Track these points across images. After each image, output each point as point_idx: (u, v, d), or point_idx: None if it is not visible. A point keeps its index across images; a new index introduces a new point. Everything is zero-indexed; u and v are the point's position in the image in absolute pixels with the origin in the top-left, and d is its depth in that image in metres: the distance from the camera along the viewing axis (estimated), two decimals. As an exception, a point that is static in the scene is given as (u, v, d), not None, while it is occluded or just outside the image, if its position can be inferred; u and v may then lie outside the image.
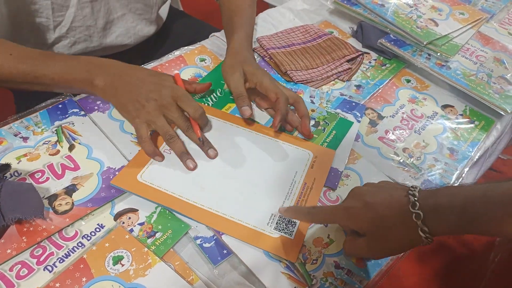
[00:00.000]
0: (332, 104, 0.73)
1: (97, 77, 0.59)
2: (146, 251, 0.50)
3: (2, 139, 0.59)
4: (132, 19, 0.85)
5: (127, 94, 0.59)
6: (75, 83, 0.60)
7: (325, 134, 0.67)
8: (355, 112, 0.72)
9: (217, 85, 0.72)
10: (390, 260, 0.55)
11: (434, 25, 0.87)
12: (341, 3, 0.92)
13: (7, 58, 0.59)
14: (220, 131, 0.65)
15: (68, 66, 0.60)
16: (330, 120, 0.69)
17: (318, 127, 0.68)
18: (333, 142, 0.66)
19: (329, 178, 0.61)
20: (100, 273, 0.48)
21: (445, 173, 0.66)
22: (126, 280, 0.48)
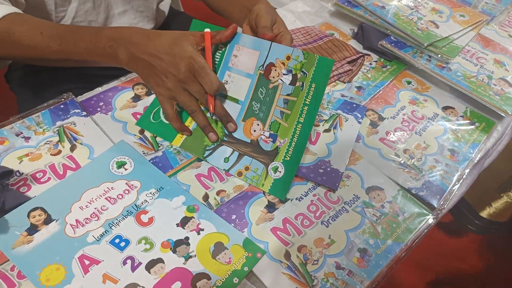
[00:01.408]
0: (333, 105, 0.73)
1: (120, 51, 0.58)
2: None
3: (4, 139, 0.60)
4: (134, 15, 0.86)
5: (147, 70, 0.59)
6: (102, 59, 0.61)
7: (304, 92, 0.60)
8: (356, 113, 0.72)
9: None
10: (391, 261, 0.55)
11: (435, 27, 0.87)
12: (342, 5, 0.92)
13: (39, 37, 0.60)
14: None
15: (92, 44, 0.60)
16: (308, 66, 0.60)
17: (296, 83, 0.61)
18: (313, 102, 0.60)
19: (330, 179, 0.62)
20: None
21: (445, 174, 0.66)
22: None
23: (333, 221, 0.58)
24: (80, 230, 0.51)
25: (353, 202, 0.60)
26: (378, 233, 0.57)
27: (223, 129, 0.62)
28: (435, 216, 0.60)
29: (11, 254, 0.47)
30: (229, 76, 0.63)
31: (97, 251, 0.49)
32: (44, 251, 0.48)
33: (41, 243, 0.49)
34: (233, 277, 0.50)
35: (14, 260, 0.47)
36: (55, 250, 0.48)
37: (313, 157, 0.64)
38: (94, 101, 0.68)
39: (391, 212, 0.60)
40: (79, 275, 0.47)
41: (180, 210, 0.55)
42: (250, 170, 0.60)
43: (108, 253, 0.49)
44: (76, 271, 0.47)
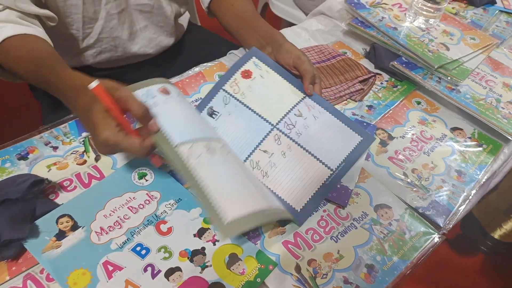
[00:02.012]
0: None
1: (71, 107, 0.59)
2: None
3: (34, 148, 0.63)
4: (154, 30, 0.90)
5: (88, 131, 0.59)
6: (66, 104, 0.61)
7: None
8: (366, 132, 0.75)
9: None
10: (396, 278, 0.57)
11: (445, 49, 0.90)
12: (355, 25, 0.96)
13: (29, 65, 0.64)
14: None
15: (63, 90, 0.60)
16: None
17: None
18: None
19: (340, 196, 0.64)
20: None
21: (452, 195, 0.68)
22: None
23: (342, 236, 0.60)
24: (104, 237, 0.54)
25: (362, 219, 0.63)
26: (385, 250, 0.60)
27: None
28: (441, 235, 0.63)
29: (41, 258, 0.50)
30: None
31: (120, 258, 0.52)
32: (71, 256, 0.51)
33: (68, 248, 0.52)
34: (246, 287, 0.52)
35: (44, 264, 0.50)
36: (81, 255, 0.52)
37: None
38: (117, 113, 0.72)
39: (398, 230, 0.62)
40: (104, 280, 0.50)
41: (197, 221, 0.58)
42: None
43: (130, 260, 0.52)
44: (100, 276, 0.50)
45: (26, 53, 0.65)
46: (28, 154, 0.63)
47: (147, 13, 0.85)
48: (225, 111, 0.69)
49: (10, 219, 0.50)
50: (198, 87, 0.80)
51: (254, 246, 0.57)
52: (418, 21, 0.96)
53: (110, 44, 0.85)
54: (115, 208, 0.57)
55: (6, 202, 0.51)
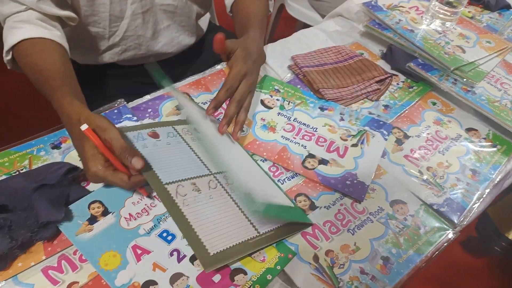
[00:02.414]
0: (360, 122, 0.78)
1: (67, 130, 0.62)
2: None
3: (66, 138, 0.67)
4: (176, 29, 0.93)
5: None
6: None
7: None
8: (382, 130, 0.77)
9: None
10: (411, 270, 0.59)
11: (461, 51, 0.92)
12: (372, 27, 0.98)
13: (34, 73, 0.66)
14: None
15: (57, 109, 0.62)
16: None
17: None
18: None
19: (356, 191, 0.66)
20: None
21: (466, 193, 0.70)
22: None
23: (359, 229, 0.63)
24: (132, 223, 0.57)
25: (378, 214, 0.65)
26: (400, 243, 0.62)
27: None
28: (455, 231, 0.65)
29: (75, 240, 0.54)
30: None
31: (148, 242, 0.55)
32: (102, 239, 0.54)
33: (100, 232, 0.55)
34: (267, 274, 0.55)
35: (78, 245, 0.53)
36: (112, 239, 0.55)
37: (341, 170, 0.70)
38: (143, 107, 0.75)
39: (413, 225, 0.64)
40: (133, 262, 0.53)
41: (220, 210, 0.61)
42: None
43: (157, 245, 0.55)
44: (130, 258, 0.53)
45: (35, 62, 0.66)
46: (61, 143, 0.66)
47: (170, 13, 0.88)
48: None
49: (48, 202, 0.53)
50: (219, 84, 0.82)
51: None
52: (435, 24, 0.98)
53: (134, 42, 0.89)
54: (143, 196, 0.60)
55: (44, 187, 0.54)
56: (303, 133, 0.75)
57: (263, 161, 0.70)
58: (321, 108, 0.81)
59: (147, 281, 0.52)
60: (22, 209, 0.53)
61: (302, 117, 0.78)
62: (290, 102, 0.81)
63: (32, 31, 0.67)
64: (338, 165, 0.70)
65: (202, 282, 0.53)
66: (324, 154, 0.72)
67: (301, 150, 0.72)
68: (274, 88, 0.83)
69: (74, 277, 0.52)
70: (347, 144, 0.74)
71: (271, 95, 0.82)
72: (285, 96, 0.82)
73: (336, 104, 0.82)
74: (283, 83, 0.85)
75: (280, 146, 0.72)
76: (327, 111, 0.80)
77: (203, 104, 0.78)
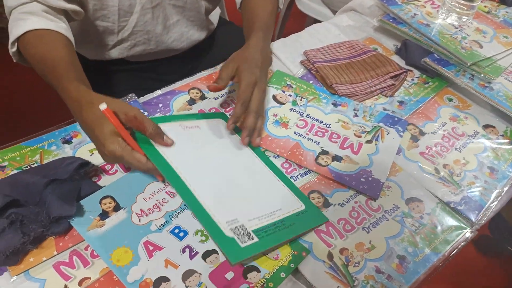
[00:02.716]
0: (375, 118, 0.77)
1: (75, 116, 0.61)
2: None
3: (77, 133, 0.66)
4: (186, 25, 0.92)
5: (91, 139, 0.59)
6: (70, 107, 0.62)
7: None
8: (397, 127, 0.75)
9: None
10: (428, 269, 0.58)
11: (479, 46, 0.89)
12: (387, 21, 0.96)
13: (40, 64, 0.65)
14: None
15: (67, 97, 0.61)
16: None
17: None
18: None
19: (371, 188, 0.65)
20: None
21: (484, 191, 0.68)
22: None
23: (374, 227, 0.61)
24: (144, 219, 0.56)
25: (393, 212, 0.64)
26: (416, 242, 0.60)
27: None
28: (473, 230, 0.63)
29: (87, 236, 0.53)
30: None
31: (160, 238, 0.55)
32: (114, 235, 0.54)
33: (111, 227, 0.55)
34: (280, 272, 0.54)
35: (89, 241, 0.53)
36: (124, 235, 0.54)
37: (355, 166, 0.68)
38: (154, 102, 0.74)
39: (429, 224, 0.63)
40: (144, 259, 0.52)
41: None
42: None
43: (169, 241, 0.55)
44: (141, 255, 0.53)
45: (41, 53, 0.66)
46: (72, 138, 0.65)
47: (180, 7, 0.87)
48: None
49: (59, 197, 0.53)
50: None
51: (287, 233, 0.58)
52: (451, 18, 0.95)
53: (143, 38, 0.88)
54: (154, 192, 0.60)
55: (56, 181, 0.54)
56: (316, 129, 0.74)
57: (276, 157, 0.69)
58: (334, 104, 0.79)
59: (159, 277, 0.51)
60: (34, 204, 0.52)
61: (315, 113, 0.77)
62: (303, 97, 0.80)
63: (37, 23, 0.67)
64: (352, 162, 0.69)
65: (214, 279, 0.52)
66: (338, 150, 0.70)
67: (314, 146, 0.71)
68: (287, 83, 0.82)
69: (86, 272, 0.52)
70: (361, 140, 0.73)
71: (283, 91, 0.81)
72: (298, 91, 0.81)
73: (350, 100, 0.80)
74: (295, 79, 0.84)
75: (293, 142, 0.71)
76: (341, 107, 0.78)
77: (215, 99, 0.77)
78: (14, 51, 0.70)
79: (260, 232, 0.55)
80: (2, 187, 0.53)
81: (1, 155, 0.62)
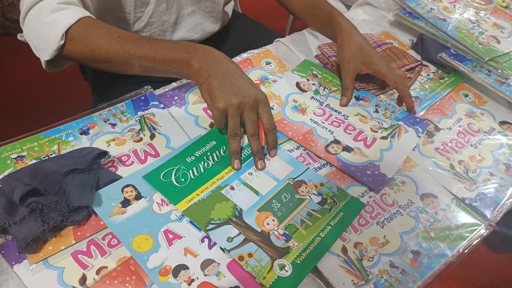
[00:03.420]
0: (395, 116, 0.76)
1: (195, 58, 0.62)
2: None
3: (94, 124, 0.67)
4: (201, 16, 0.92)
5: (219, 83, 0.61)
6: (174, 64, 0.63)
7: (331, 215, 0.60)
8: (417, 127, 0.74)
9: (222, 143, 0.67)
10: (443, 265, 0.58)
11: (496, 42, 0.88)
12: (403, 16, 0.95)
13: (115, 39, 0.64)
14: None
15: (168, 48, 0.63)
16: (340, 198, 0.62)
17: (324, 205, 0.61)
18: (337, 227, 0.59)
19: (375, 181, 0.65)
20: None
21: (500, 188, 0.68)
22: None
23: (388, 222, 0.61)
24: (164, 208, 0.57)
25: (408, 207, 0.63)
26: (431, 237, 0.60)
27: (233, 210, 0.58)
28: (488, 226, 0.62)
29: (109, 222, 0.54)
30: (255, 171, 0.64)
31: (179, 228, 0.56)
32: (135, 222, 0.55)
33: (132, 215, 0.56)
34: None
35: (111, 227, 0.54)
36: (144, 222, 0.55)
37: (364, 159, 0.68)
38: (169, 95, 0.75)
39: (444, 219, 0.63)
40: (164, 246, 0.53)
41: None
42: (253, 258, 0.54)
43: (189, 231, 0.55)
44: (162, 242, 0.54)
45: (110, 30, 0.65)
46: (89, 129, 0.66)
47: None
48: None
49: (79, 187, 0.53)
50: (246, 72, 0.81)
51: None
52: (468, 13, 0.94)
53: (158, 29, 0.88)
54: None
55: (74, 171, 0.55)
56: (333, 119, 0.74)
57: (287, 141, 0.70)
58: (357, 97, 0.79)
59: (178, 265, 0.52)
60: (53, 193, 0.53)
61: (335, 103, 0.77)
62: (326, 88, 0.80)
63: (79, 12, 0.65)
64: (363, 154, 0.69)
65: (233, 269, 0.52)
66: (351, 142, 0.70)
67: (328, 134, 0.71)
68: (313, 72, 0.82)
69: (103, 262, 0.52)
70: (377, 135, 0.72)
71: (307, 79, 0.81)
72: (322, 81, 0.81)
73: (373, 96, 0.80)
74: (322, 69, 0.84)
75: (307, 128, 0.72)
76: (363, 102, 0.78)
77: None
78: (61, 44, 0.64)
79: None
80: (22, 176, 0.53)
81: (20, 145, 0.63)
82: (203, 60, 0.62)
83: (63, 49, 0.65)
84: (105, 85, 0.95)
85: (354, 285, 0.54)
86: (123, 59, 0.64)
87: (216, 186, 0.61)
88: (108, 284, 0.50)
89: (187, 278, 0.51)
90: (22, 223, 0.50)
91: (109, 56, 0.64)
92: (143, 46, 0.64)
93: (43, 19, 0.63)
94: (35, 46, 0.66)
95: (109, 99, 0.72)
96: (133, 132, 0.67)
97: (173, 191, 0.59)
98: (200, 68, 0.62)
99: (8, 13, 1.93)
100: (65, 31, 0.63)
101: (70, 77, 1.31)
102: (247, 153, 0.66)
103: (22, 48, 0.71)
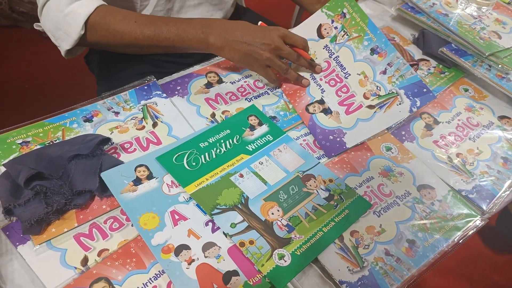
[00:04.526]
0: (401, 82, 0.72)
1: (211, 35, 0.69)
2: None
3: (98, 112, 0.68)
4: (208, 8, 0.92)
5: (242, 48, 0.69)
6: (193, 43, 0.70)
7: (336, 211, 0.60)
8: (416, 99, 0.71)
9: (236, 132, 0.68)
10: (437, 254, 0.59)
11: (497, 37, 0.88)
12: (405, 11, 0.95)
13: (133, 25, 0.69)
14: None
15: (184, 30, 0.69)
16: (347, 196, 0.62)
17: (331, 201, 0.61)
18: (341, 224, 0.59)
19: (331, 148, 0.68)
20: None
21: (497, 181, 0.68)
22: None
23: (385, 212, 0.62)
24: (174, 190, 0.59)
25: (405, 197, 0.64)
26: (426, 227, 0.61)
27: (240, 197, 0.60)
28: (484, 218, 0.63)
29: (120, 198, 0.56)
30: (266, 161, 0.65)
31: (186, 209, 0.57)
32: (144, 200, 0.57)
33: (142, 193, 0.58)
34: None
35: (121, 203, 0.56)
36: (153, 201, 0.57)
37: (336, 124, 0.71)
38: (172, 85, 0.76)
39: (440, 210, 0.63)
40: (170, 226, 0.55)
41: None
42: (254, 245, 0.55)
43: (194, 214, 0.57)
44: (167, 222, 0.55)
45: (126, 15, 0.69)
46: (92, 117, 0.68)
47: None
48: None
49: (82, 172, 0.55)
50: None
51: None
52: (470, 9, 0.95)
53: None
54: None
55: (78, 156, 0.56)
56: (332, 76, 0.77)
57: (292, 128, 0.72)
58: (373, 50, 0.75)
59: (181, 245, 0.54)
60: (57, 177, 0.55)
61: (345, 57, 0.77)
62: (347, 33, 0.77)
63: (95, 1, 0.68)
64: (337, 119, 0.72)
65: (233, 254, 0.54)
66: (335, 105, 0.74)
67: (317, 93, 0.75)
68: (342, 11, 0.78)
69: (105, 244, 0.54)
70: (364, 103, 0.73)
71: (333, 20, 0.79)
72: (347, 24, 0.77)
73: (394, 50, 0.74)
74: (355, 7, 0.77)
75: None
76: (377, 56, 0.75)
77: (232, 83, 0.78)
78: (82, 34, 0.68)
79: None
80: (28, 161, 0.55)
81: (25, 131, 0.64)
82: (218, 36, 0.69)
83: (83, 38, 0.69)
84: (110, 76, 0.96)
85: (350, 271, 0.55)
86: (143, 42, 0.70)
87: (226, 172, 0.62)
88: (109, 265, 0.52)
89: (188, 257, 0.53)
90: (26, 205, 0.52)
91: (130, 41, 0.70)
92: (161, 29, 0.69)
93: (63, 10, 0.67)
94: (55, 36, 0.70)
95: (114, 89, 0.74)
96: (136, 120, 0.68)
97: (183, 174, 0.61)
98: (219, 45, 0.69)
99: (15, 5, 1.95)
100: (85, 21, 0.67)
101: (76, 69, 1.32)
102: (260, 144, 0.67)
103: (28, 39, 0.73)
